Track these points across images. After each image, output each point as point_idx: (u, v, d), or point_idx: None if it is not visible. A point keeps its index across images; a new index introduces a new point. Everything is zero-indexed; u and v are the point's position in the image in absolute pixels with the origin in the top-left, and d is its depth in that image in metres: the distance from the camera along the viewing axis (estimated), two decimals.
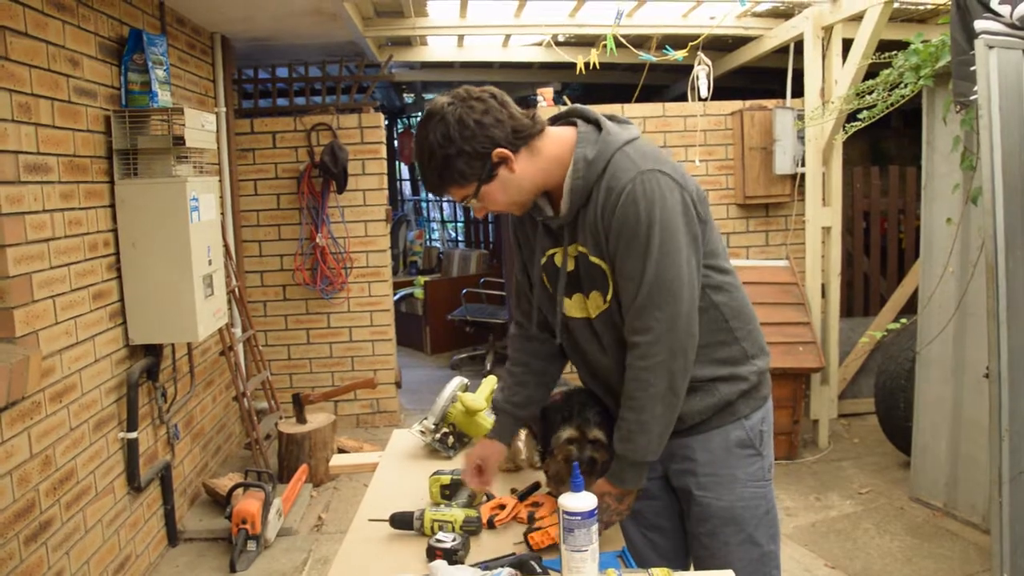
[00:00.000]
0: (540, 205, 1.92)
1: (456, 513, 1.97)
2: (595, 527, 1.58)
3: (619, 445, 1.85)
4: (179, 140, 3.59)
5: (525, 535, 1.89)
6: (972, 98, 3.26)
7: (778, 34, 5.44)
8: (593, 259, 1.85)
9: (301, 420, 4.88)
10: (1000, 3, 3.12)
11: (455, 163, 1.76)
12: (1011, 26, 3.06)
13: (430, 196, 11.73)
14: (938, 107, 4.02)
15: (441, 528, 1.94)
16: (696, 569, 2.05)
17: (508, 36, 6.15)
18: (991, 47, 2.78)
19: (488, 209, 1.89)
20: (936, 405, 4.14)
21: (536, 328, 2.12)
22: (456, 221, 11.32)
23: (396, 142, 10.49)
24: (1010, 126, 2.78)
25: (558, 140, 1.86)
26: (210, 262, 3.86)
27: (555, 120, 1.94)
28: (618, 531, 2.01)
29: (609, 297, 1.86)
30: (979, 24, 3.13)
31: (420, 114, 11.14)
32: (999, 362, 2.74)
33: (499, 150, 1.77)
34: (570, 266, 1.91)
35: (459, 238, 11.19)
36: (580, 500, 1.59)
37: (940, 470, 4.15)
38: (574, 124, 1.88)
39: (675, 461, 2.00)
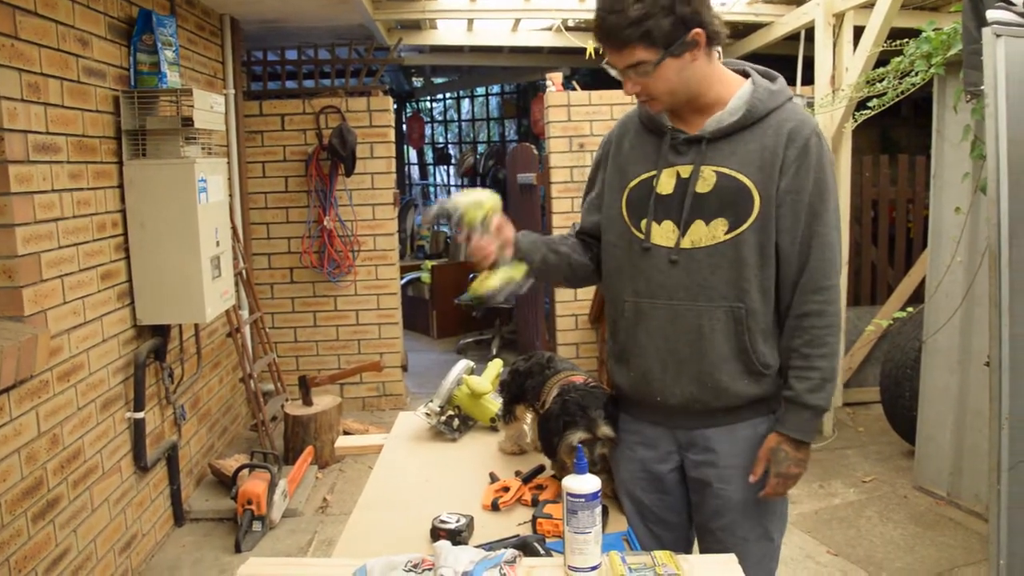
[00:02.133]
0: (660, 117, 1.89)
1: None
2: (598, 509, 1.59)
3: (811, 396, 1.82)
4: (188, 121, 3.59)
5: (534, 519, 1.90)
6: (982, 87, 3.24)
7: (789, 21, 5.41)
8: (747, 182, 1.79)
9: (307, 402, 4.90)
10: None
11: (659, 19, 1.69)
12: (1023, 15, 3.03)
13: (438, 180, 11.73)
14: (949, 96, 3.99)
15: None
16: None
17: (518, 20, 6.13)
18: (999, 36, 2.76)
19: (647, 90, 1.79)
20: (942, 394, 4.14)
21: (582, 252, 2.08)
22: None
23: (404, 126, 10.48)
24: (1018, 115, 2.76)
25: (726, 69, 1.88)
26: (218, 244, 3.87)
27: None
28: (621, 513, 2.03)
29: (744, 228, 1.79)
30: (992, 14, 3.10)
31: (428, 98, 11.16)
32: (1000, 350, 2.74)
33: (699, 30, 1.73)
34: (702, 187, 1.82)
35: None
36: (584, 482, 1.59)
37: (944, 459, 4.15)
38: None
39: (695, 451, 1.95)
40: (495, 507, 2.00)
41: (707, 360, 1.85)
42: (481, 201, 1.96)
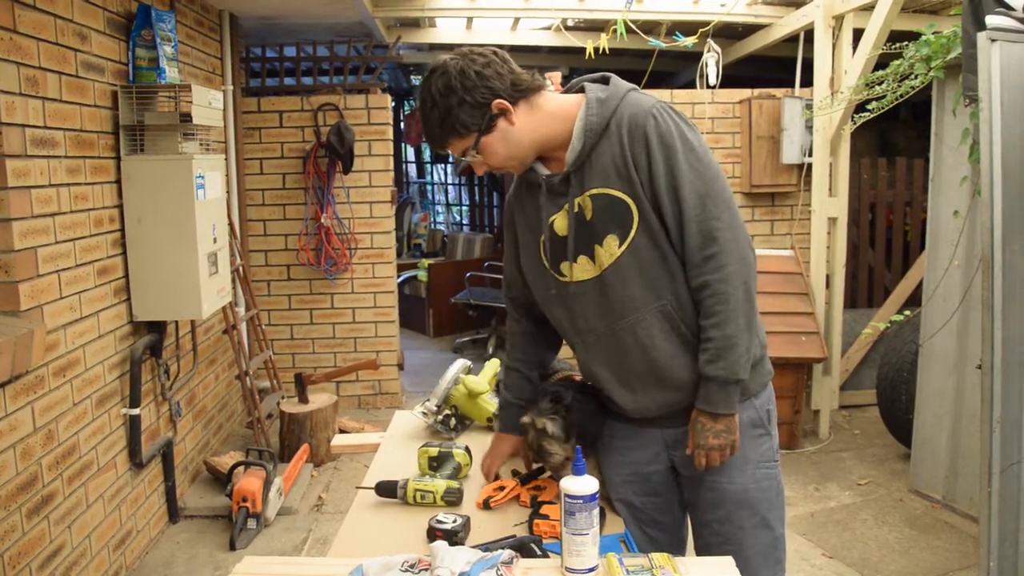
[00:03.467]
0: (537, 169, 1.94)
1: (438, 484, 2.04)
2: (596, 511, 1.58)
3: (708, 367, 1.82)
4: (186, 117, 3.58)
5: (530, 520, 1.89)
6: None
7: (788, 22, 5.41)
8: (615, 193, 1.83)
9: (303, 400, 4.89)
10: None
11: (456, 113, 1.80)
12: (1022, 20, 3.03)
13: (436, 179, 11.72)
14: (948, 99, 4.00)
15: (423, 497, 2.02)
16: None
17: (517, 19, 6.12)
18: (994, 40, 2.77)
19: (488, 164, 1.90)
20: (938, 398, 4.14)
21: (528, 321, 2.18)
22: (461, 204, 11.31)
23: (403, 124, 10.47)
24: (1012, 120, 2.76)
25: (561, 100, 1.92)
26: (215, 240, 3.86)
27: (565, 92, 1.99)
28: (618, 515, 2.02)
29: (632, 235, 1.83)
30: (991, 19, 3.10)
31: None
32: (992, 354, 2.75)
33: (499, 101, 1.81)
34: (587, 215, 1.87)
35: (464, 221, 11.18)
36: (582, 483, 1.59)
37: (940, 463, 4.16)
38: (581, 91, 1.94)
39: (681, 448, 1.96)
40: (486, 506, 2.00)
41: (659, 364, 1.88)
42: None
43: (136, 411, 3.59)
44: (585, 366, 2.03)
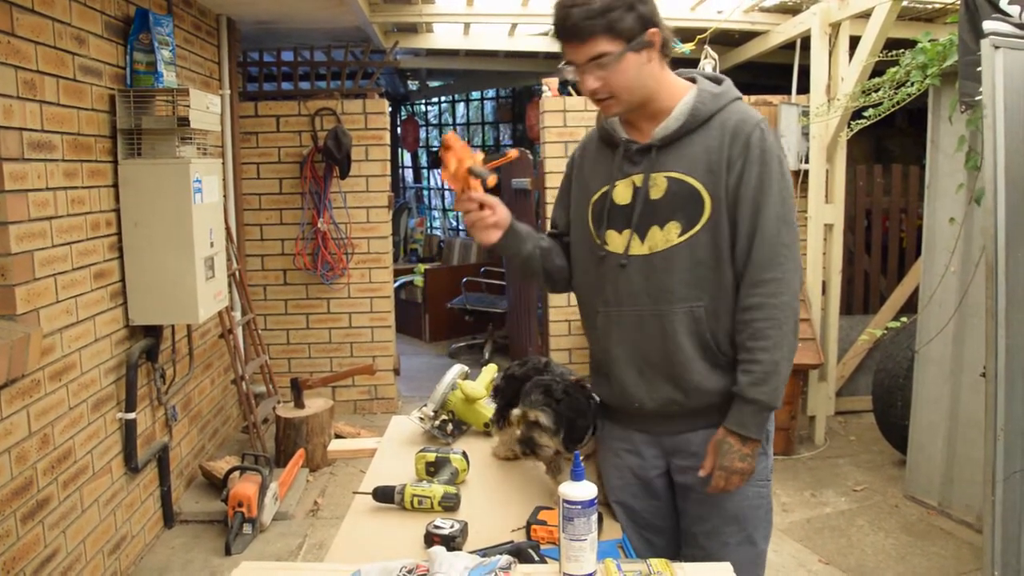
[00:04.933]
0: (615, 129, 1.94)
1: (436, 489, 2.04)
2: (594, 516, 1.58)
3: (751, 390, 1.81)
4: (183, 121, 3.58)
5: (528, 526, 1.89)
6: (978, 98, 3.25)
7: (785, 30, 5.43)
8: (695, 184, 1.83)
9: (299, 405, 4.88)
10: (1010, 3, 3.12)
11: (621, 12, 1.74)
12: (1020, 27, 3.05)
13: (432, 184, 11.72)
14: (944, 106, 4.01)
15: (420, 503, 2.02)
16: None
17: (515, 25, 6.13)
18: (997, 47, 2.78)
19: (607, 84, 1.80)
20: (934, 404, 4.15)
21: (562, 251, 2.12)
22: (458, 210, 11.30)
23: (400, 129, 10.48)
24: (1015, 127, 2.77)
25: (674, 76, 1.93)
26: (212, 244, 3.86)
27: None
28: (616, 521, 2.02)
29: (697, 229, 1.83)
30: (988, 25, 3.12)
31: (424, 102, 11.16)
32: (996, 361, 2.75)
33: (655, 30, 1.79)
34: (655, 194, 1.87)
35: (460, 227, 11.18)
36: (580, 489, 1.59)
37: (936, 469, 4.16)
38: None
39: (680, 456, 1.97)
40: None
41: (676, 361, 1.88)
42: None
43: (132, 415, 3.58)
44: (599, 341, 2.01)
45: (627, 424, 2.02)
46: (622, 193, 1.91)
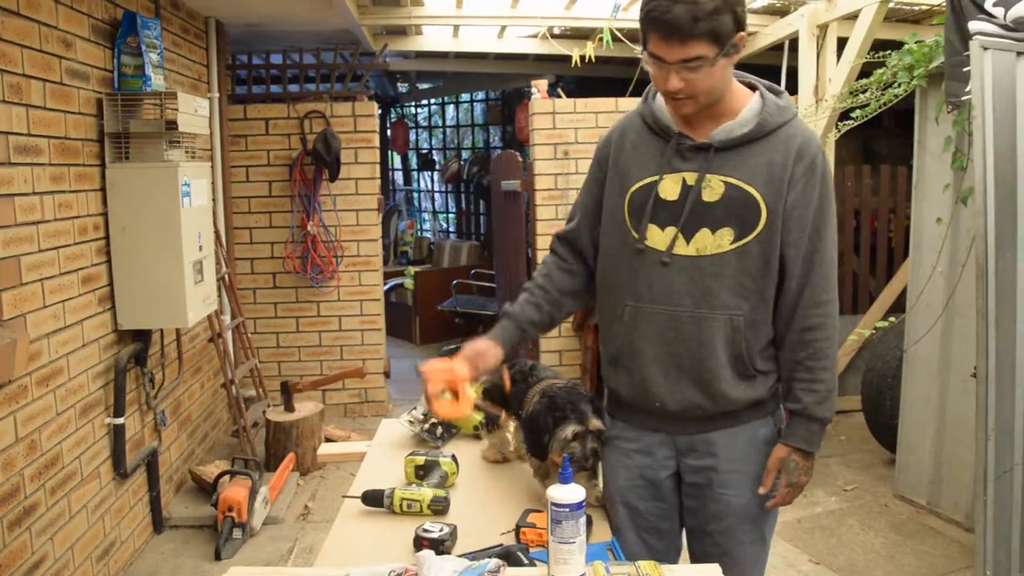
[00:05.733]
0: (668, 120, 1.88)
1: (425, 493, 2.03)
2: (583, 519, 1.58)
3: (818, 408, 1.85)
4: (172, 125, 3.57)
5: (517, 529, 1.89)
6: (964, 99, 3.27)
7: (773, 31, 5.44)
8: (755, 194, 1.80)
9: (289, 408, 4.87)
10: (994, 5, 3.14)
11: (726, 15, 1.67)
12: (1004, 27, 3.07)
13: (422, 186, 11.72)
14: (930, 107, 4.03)
15: (410, 506, 2.01)
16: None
17: (504, 27, 6.13)
18: (986, 48, 2.79)
19: (691, 86, 1.73)
20: (922, 403, 4.17)
21: (569, 259, 2.09)
22: (448, 212, 11.31)
23: (389, 131, 10.47)
24: (1002, 128, 2.78)
25: (736, 80, 1.89)
26: (200, 248, 3.85)
27: None
28: (605, 523, 2.02)
29: (750, 239, 1.81)
30: (973, 25, 3.14)
31: (413, 104, 11.15)
32: (987, 362, 2.75)
33: (743, 34, 1.74)
34: (708, 196, 1.82)
35: (450, 229, 11.18)
36: (568, 492, 1.58)
37: (924, 468, 4.18)
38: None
39: (694, 456, 1.95)
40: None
41: (706, 367, 1.86)
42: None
43: (120, 420, 3.57)
44: (624, 333, 1.94)
45: (640, 423, 2.00)
46: (669, 188, 1.85)
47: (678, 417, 1.93)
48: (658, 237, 1.86)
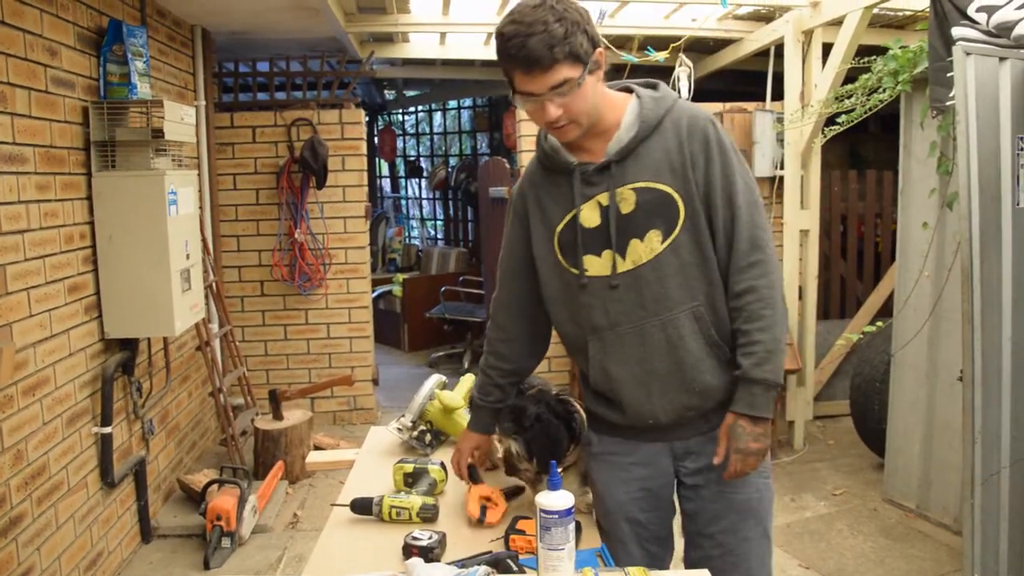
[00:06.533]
0: (563, 156, 1.91)
1: (414, 500, 2.03)
2: (572, 525, 1.58)
3: (757, 370, 1.83)
4: (158, 133, 3.56)
5: (506, 535, 1.89)
6: (948, 104, 3.29)
7: (759, 37, 5.47)
8: (664, 188, 1.83)
9: (277, 416, 4.85)
10: (977, 11, 3.16)
11: (579, 36, 1.72)
12: (988, 33, 3.09)
13: (410, 193, 11.71)
14: (915, 112, 4.05)
15: (399, 514, 2.02)
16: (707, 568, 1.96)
17: (490, 34, 6.14)
18: (969, 54, 2.81)
19: (569, 111, 1.77)
20: (910, 407, 4.18)
21: (514, 326, 2.12)
22: (436, 219, 11.31)
23: (376, 138, 10.46)
24: (985, 132, 2.80)
25: (609, 90, 1.92)
26: (188, 256, 3.83)
27: None
28: (594, 529, 2.02)
29: (677, 232, 1.84)
30: (956, 31, 3.16)
31: (401, 111, 11.14)
32: (973, 365, 2.77)
33: (601, 50, 1.79)
34: (625, 208, 1.85)
35: (438, 236, 11.17)
36: (557, 498, 1.59)
37: (913, 472, 4.19)
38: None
39: (692, 459, 1.97)
40: (481, 521, 1.99)
41: (687, 366, 1.88)
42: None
43: (107, 430, 3.55)
44: (596, 366, 1.96)
45: (636, 437, 2.00)
46: (589, 216, 1.89)
47: (673, 425, 1.94)
48: (598, 264, 1.89)
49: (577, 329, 1.98)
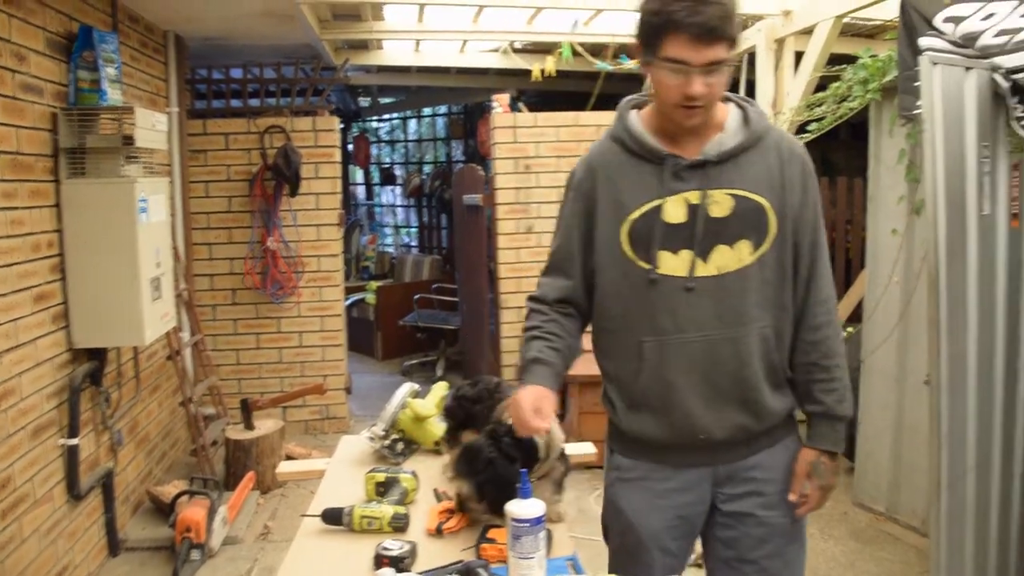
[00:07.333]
0: (653, 144, 1.82)
1: (385, 510, 2.01)
2: (543, 534, 1.58)
3: (840, 407, 1.85)
4: (129, 140, 3.53)
5: (478, 544, 1.88)
6: (916, 112, 3.33)
7: None
8: (762, 201, 1.79)
9: (249, 426, 4.81)
10: (944, 21, 3.20)
11: (737, 20, 1.68)
12: (954, 43, 3.13)
13: (384, 200, 11.68)
14: (885, 120, 4.10)
15: (370, 524, 1.99)
16: None
17: (465, 42, 6.15)
18: (936, 63, 2.84)
19: (712, 92, 1.70)
20: (880, 412, 4.22)
21: (565, 314, 1.93)
22: (410, 226, 11.28)
23: (351, 146, 10.43)
24: (952, 141, 2.84)
25: None
26: (158, 264, 3.80)
27: None
28: (566, 538, 2.01)
29: (766, 247, 1.79)
30: (923, 41, 3.20)
31: (375, 118, 11.12)
32: (939, 369, 2.80)
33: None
34: (717, 211, 1.78)
35: (412, 243, 11.15)
36: (527, 507, 1.58)
37: (883, 476, 4.22)
38: None
39: (732, 484, 1.89)
40: (439, 531, 1.98)
41: (749, 385, 1.83)
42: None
43: (75, 441, 3.49)
44: (650, 371, 1.83)
45: (677, 460, 1.89)
46: (673, 211, 1.78)
47: (723, 444, 1.86)
48: (672, 263, 1.79)
49: (630, 328, 1.85)
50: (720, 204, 1.78)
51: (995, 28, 3.02)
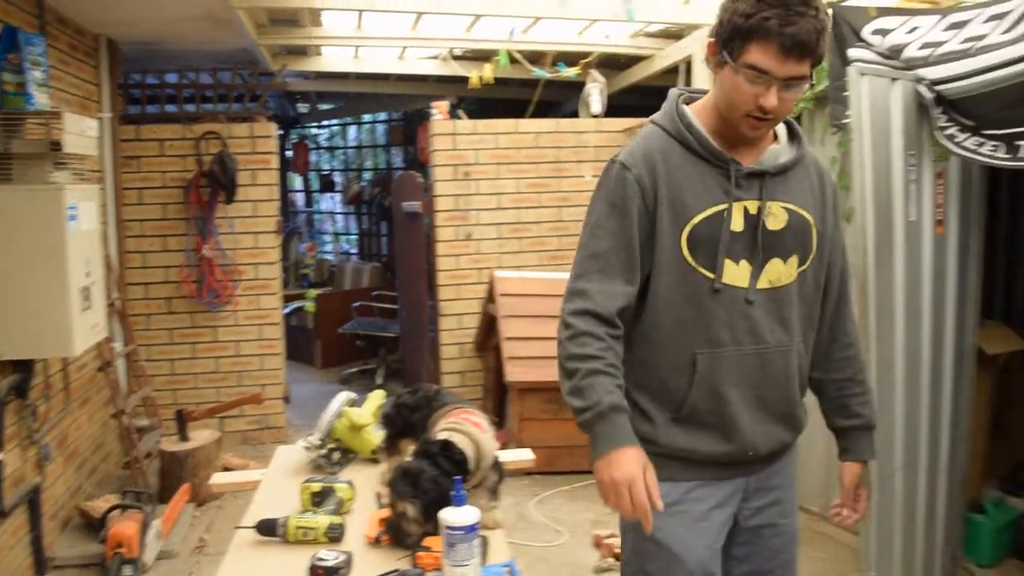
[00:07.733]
0: (718, 148, 1.74)
1: (320, 520, 1.99)
2: (477, 541, 1.58)
3: (874, 417, 1.93)
4: (56, 145, 3.43)
5: (412, 553, 1.87)
6: (845, 121, 3.42)
7: (669, 54, 5.59)
8: (810, 219, 1.79)
9: (184, 437, 4.72)
10: (872, 33, 3.30)
11: (825, 41, 1.64)
12: (881, 55, 3.23)
13: (323, 207, 11.58)
14: (817, 129, 4.19)
15: (305, 534, 1.96)
16: None
17: (404, 48, 6.14)
18: (863, 74, 2.92)
19: (784, 107, 1.66)
20: (813, 415, 4.29)
21: (619, 326, 1.73)
22: (349, 233, 11.20)
23: (290, 152, 10.32)
24: (879, 149, 2.92)
25: None
26: (88, 274, 3.70)
27: None
28: (502, 544, 2.01)
29: (808, 263, 1.80)
30: (853, 52, 3.29)
31: (314, 125, 11.02)
32: (869, 372, 2.87)
33: None
34: (773, 224, 1.75)
35: (352, 251, 11.07)
36: (461, 514, 1.58)
37: (817, 476, 4.29)
38: None
39: (757, 496, 1.86)
40: (378, 541, 1.96)
41: (792, 400, 1.83)
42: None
43: None
44: (704, 384, 1.74)
45: (715, 475, 1.81)
46: (736, 219, 1.72)
47: (763, 459, 1.84)
48: (734, 272, 1.72)
49: (684, 339, 1.74)
50: (776, 217, 1.75)
51: (919, 41, 3.12)
